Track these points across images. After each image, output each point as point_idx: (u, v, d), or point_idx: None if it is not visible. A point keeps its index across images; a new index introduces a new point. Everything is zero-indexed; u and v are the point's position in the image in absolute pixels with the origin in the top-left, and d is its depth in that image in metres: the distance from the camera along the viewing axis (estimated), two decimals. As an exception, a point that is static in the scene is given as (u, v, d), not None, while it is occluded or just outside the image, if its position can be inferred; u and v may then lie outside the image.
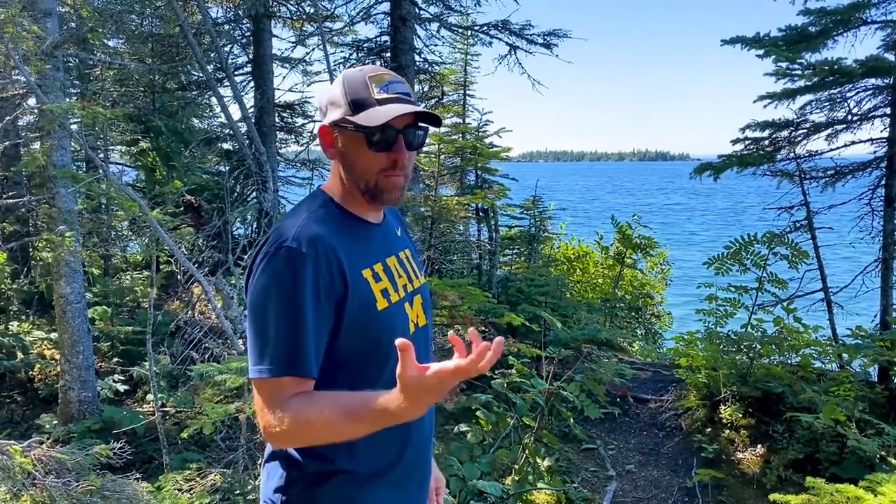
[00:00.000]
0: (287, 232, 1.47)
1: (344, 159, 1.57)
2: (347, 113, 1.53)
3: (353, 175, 1.58)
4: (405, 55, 8.89)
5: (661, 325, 12.36)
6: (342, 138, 1.56)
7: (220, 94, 7.43)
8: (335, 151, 1.58)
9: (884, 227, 5.86)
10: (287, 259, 1.44)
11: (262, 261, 1.46)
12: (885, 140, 5.79)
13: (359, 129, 1.52)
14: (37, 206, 7.49)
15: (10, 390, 7.72)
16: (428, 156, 9.01)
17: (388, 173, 1.56)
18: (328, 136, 1.58)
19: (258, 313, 1.44)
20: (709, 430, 5.79)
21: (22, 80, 6.59)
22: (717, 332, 6.36)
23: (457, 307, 4.31)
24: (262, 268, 1.45)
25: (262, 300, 1.44)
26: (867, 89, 5.71)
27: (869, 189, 5.97)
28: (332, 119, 1.56)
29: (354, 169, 1.57)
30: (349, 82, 1.55)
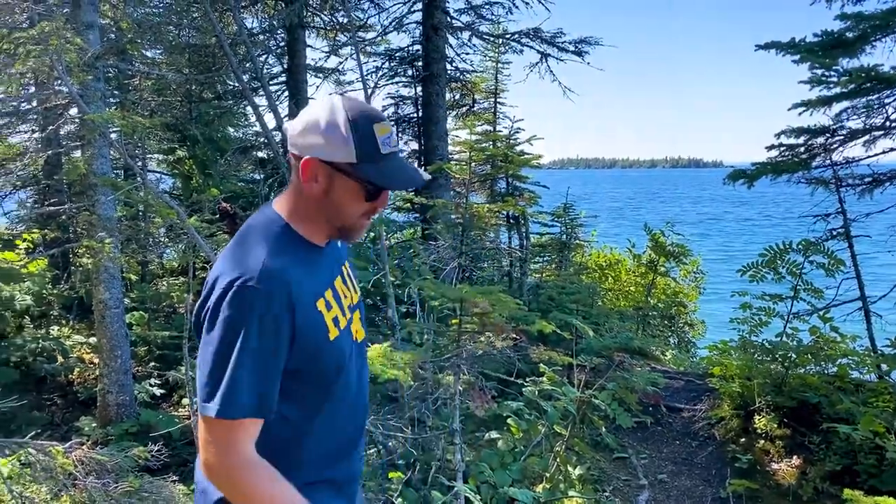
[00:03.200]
0: (248, 265, 1.43)
1: (328, 198, 1.53)
2: (352, 160, 1.48)
3: (331, 214, 1.55)
4: (437, 64, 8.96)
5: (694, 334, 12.23)
6: (334, 180, 1.50)
7: (255, 104, 7.54)
8: (317, 187, 1.51)
9: (924, 235, 5.75)
10: (252, 297, 1.40)
11: (222, 294, 1.41)
12: (925, 146, 5.69)
13: (361, 181, 1.50)
14: (77, 214, 7.67)
15: (51, 393, 7.90)
16: (459, 164, 9.05)
17: (365, 219, 1.58)
18: (312, 170, 1.49)
19: (221, 350, 1.40)
20: (743, 441, 5.72)
21: (64, 90, 6.77)
22: (752, 341, 6.28)
23: (487, 314, 4.32)
24: (226, 302, 1.40)
25: (227, 337, 1.40)
26: (905, 95, 5.62)
27: (908, 196, 5.87)
28: (327, 157, 1.48)
29: (338, 210, 1.55)
30: (356, 125, 1.48)
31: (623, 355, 6.50)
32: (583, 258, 11.03)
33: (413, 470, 4.52)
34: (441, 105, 9.38)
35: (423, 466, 4.56)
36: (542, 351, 5.28)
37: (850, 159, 6.16)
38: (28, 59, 4.43)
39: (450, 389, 4.51)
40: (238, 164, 10.82)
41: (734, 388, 6.05)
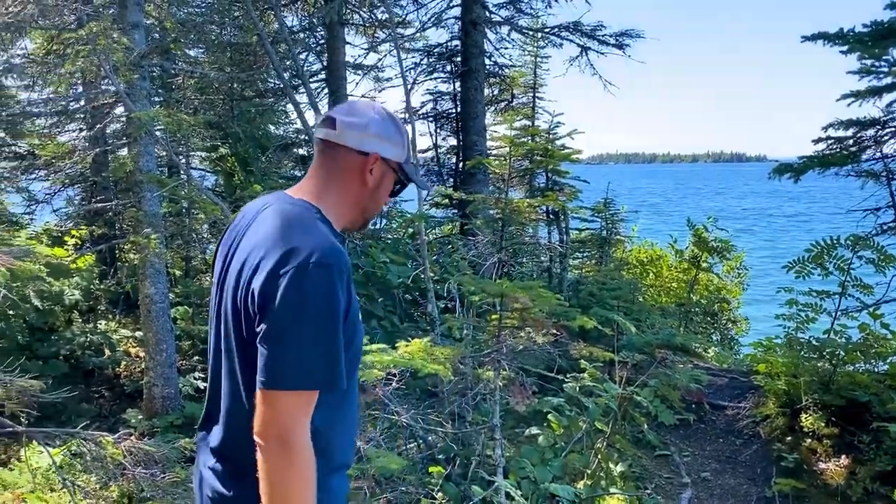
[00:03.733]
0: (318, 243, 1.50)
1: (375, 192, 1.73)
2: (401, 160, 1.74)
3: (370, 204, 1.75)
4: (475, 59, 8.94)
5: (737, 331, 12.02)
6: (384, 174, 1.73)
7: (296, 101, 7.63)
8: (371, 180, 1.70)
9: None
10: (326, 273, 1.46)
11: (297, 270, 1.45)
12: (981, 138, 5.50)
13: (401, 178, 1.78)
14: (123, 210, 7.84)
15: (99, 385, 8.10)
16: (498, 159, 9.04)
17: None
18: (372, 164, 1.69)
19: (320, 323, 1.45)
20: (789, 439, 5.60)
21: (112, 89, 6.92)
22: (798, 338, 6.15)
23: (528, 309, 4.30)
24: (308, 278, 1.45)
25: (321, 310, 1.46)
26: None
27: (964, 189, 5.68)
28: (388, 155, 1.70)
29: (376, 201, 1.76)
30: (405, 131, 1.76)
31: (665, 352, 6.41)
32: (623, 254, 10.91)
33: (453, 465, 4.52)
34: (479, 100, 9.36)
35: (462, 461, 4.56)
36: (583, 347, 5.24)
37: (901, 151, 5.99)
38: (77, 59, 4.54)
39: (490, 385, 4.51)
40: (279, 162, 10.94)
41: (780, 386, 5.93)
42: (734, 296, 12.09)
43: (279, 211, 1.60)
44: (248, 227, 1.65)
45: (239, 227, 1.69)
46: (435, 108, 11.16)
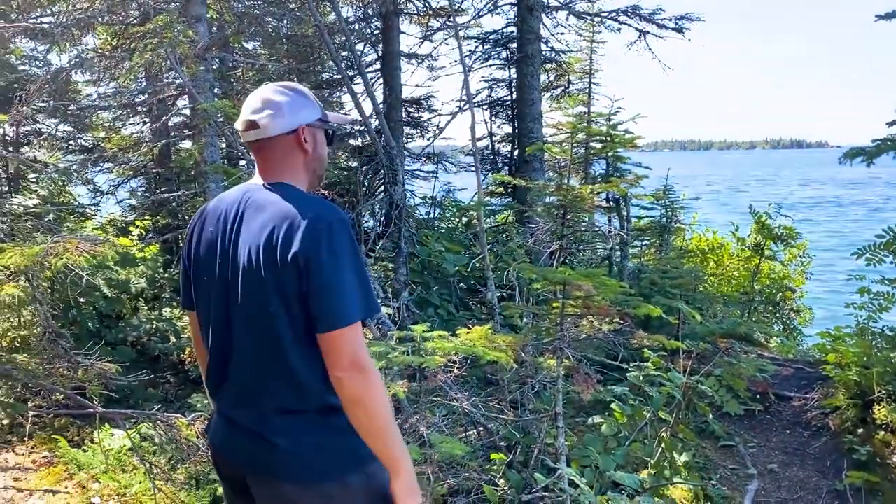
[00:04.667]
0: (327, 207, 1.82)
1: (315, 153, 1.98)
2: (319, 114, 1.98)
3: (318, 166, 2.01)
4: (531, 45, 8.85)
5: (800, 321, 11.68)
6: (314, 134, 1.97)
7: (353, 91, 7.68)
8: (308, 146, 1.94)
9: None
10: (346, 226, 1.80)
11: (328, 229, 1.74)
12: None
13: (328, 127, 2.02)
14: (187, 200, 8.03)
15: (164, 371, 8.32)
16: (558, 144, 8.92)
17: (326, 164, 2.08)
18: (304, 134, 1.93)
19: (353, 265, 1.75)
20: (860, 432, 5.42)
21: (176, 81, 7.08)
22: (870, 327, 5.95)
23: (591, 297, 4.25)
24: (339, 228, 1.76)
25: (351, 255, 1.76)
26: None
27: None
28: (308, 120, 1.94)
29: (319, 158, 2.01)
30: (308, 92, 1.99)
31: (729, 341, 6.28)
32: (684, 242, 10.70)
33: (514, 452, 4.52)
34: (535, 87, 9.26)
35: (524, 449, 4.55)
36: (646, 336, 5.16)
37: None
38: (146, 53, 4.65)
39: (551, 373, 4.48)
40: (334, 152, 11.04)
41: (850, 377, 5.74)
42: (798, 284, 11.75)
43: (276, 192, 1.86)
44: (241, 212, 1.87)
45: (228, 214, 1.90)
46: (490, 96, 11.08)
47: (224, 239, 1.88)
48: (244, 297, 1.81)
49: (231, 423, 1.91)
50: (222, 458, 1.97)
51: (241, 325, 1.84)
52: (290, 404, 1.80)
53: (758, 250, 9.93)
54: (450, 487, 4.15)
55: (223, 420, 1.95)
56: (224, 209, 1.92)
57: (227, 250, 1.86)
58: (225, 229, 1.88)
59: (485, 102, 10.95)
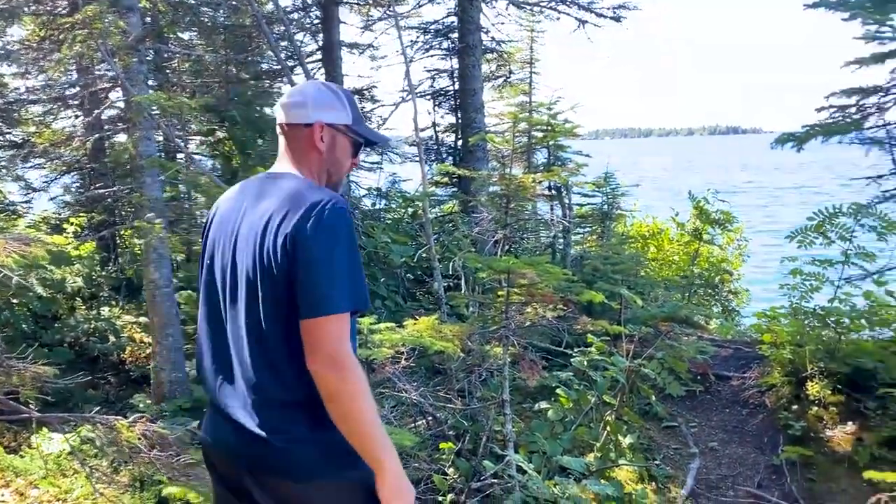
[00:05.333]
0: (329, 194, 1.79)
1: (330, 155, 1.96)
2: (349, 121, 1.96)
3: (332, 167, 1.98)
4: (472, 35, 8.87)
5: (738, 303, 12.04)
6: (334, 137, 1.95)
7: (293, 82, 7.54)
8: (322, 145, 1.93)
9: (984, 193, 5.54)
10: (343, 213, 1.75)
11: (320, 212, 1.71)
12: (984, 102, 5.46)
13: (356, 137, 1.99)
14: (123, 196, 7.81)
15: (104, 372, 8.12)
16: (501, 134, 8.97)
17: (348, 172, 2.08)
18: (319, 133, 1.92)
19: (345, 253, 1.71)
20: (795, 408, 5.63)
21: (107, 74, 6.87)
22: (803, 307, 6.17)
23: (535, 285, 4.30)
24: (333, 213, 1.72)
25: (344, 243, 1.72)
26: (965, 49, 5.38)
27: (967, 154, 5.65)
28: (330, 120, 1.93)
29: (337, 163, 1.98)
30: (347, 95, 1.99)
31: (670, 324, 6.44)
32: (625, 228, 10.90)
33: (463, 440, 4.56)
34: (477, 77, 9.29)
35: (472, 437, 4.59)
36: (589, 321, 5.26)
37: (904, 118, 5.96)
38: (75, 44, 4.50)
39: (498, 361, 4.52)
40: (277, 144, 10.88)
41: (785, 355, 5.95)
42: (735, 267, 12.10)
43: (283, 181, 1.87)
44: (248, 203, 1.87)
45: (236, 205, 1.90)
46: (432, 86, 11.08)
47: (230, 226, 1.88)
48: (240, 285, 1.80)
49: (223, 416, 1.85)
50: (215, 454, 1.92)
51: (236, 314, 1.81)
52: (280, 396, 1.76)
53: (696, 235, 10.19)
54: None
55: (215, 414, 1.91)
56: (238, 195, 1.95)
57: (231, 238, 1.86)
58: (233, 217, 1.89)
59: (427, 93, 10.94)
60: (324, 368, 1.65)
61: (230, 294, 1.83)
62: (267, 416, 1.76)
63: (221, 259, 1.88)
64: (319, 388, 1.67)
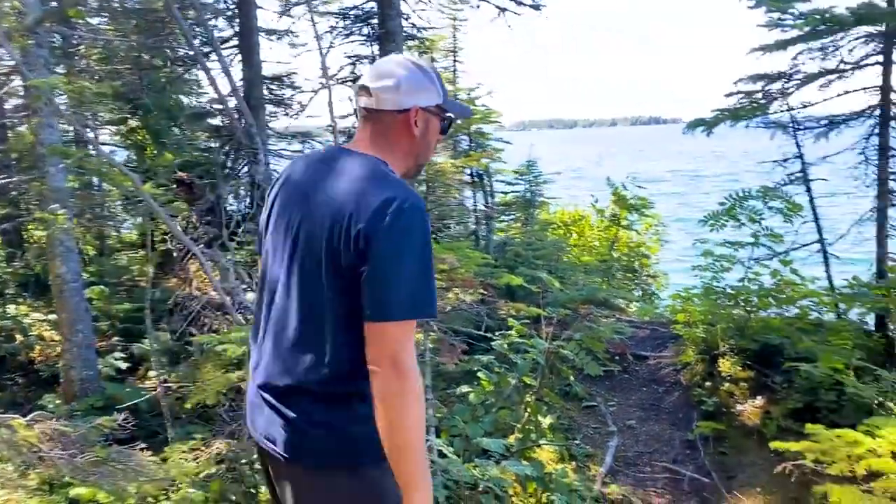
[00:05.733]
0: (408, 191, 1.69)
1: (423, 140, 1.85)
2: (440, 101, 1.85)
3: (422, 152, 1.89)
4: (392, 21, 8.77)
5: (657, 286, 12.41)
6: (428, 120, 1.84)
7: (208, 69, 7.34)
8: (418, 131, 1.83)
9: (878, 175, 5.84)
10: (421, 214, 1.66)
11: (397, 212, 1.62)
12: (878, 88, 5.75)
13: (447, 116, 1.89)
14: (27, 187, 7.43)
15: (12, 372, 7.72)
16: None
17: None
18: (416, 117, 1.81)
19: (419, 256, 1.63)
20: (708, 384, 5.83)
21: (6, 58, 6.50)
22: (714, 287, 6.39)
23: (455, 269, 4.31)
24: (411, 214, 1.63)
25: (419, 245, 1.64)
26: (859, 37, 5.66)
27: (863, 138, 5.95)
28: (425, 104, 1.82)
29: (427, 148, 1.89)
30: (435, 71, 1.87)
31: (589, 307, 6.57)
32: (548, 215, 11.05)
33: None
34: (399, 64, 9.19)
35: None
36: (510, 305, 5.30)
37: (806, 103, 6.23)
38: (-37, 24, 4.23)
39: (420, 346, 4.51)
40: (193, 132, 10.55)
41: (698, 334, 6.15)
42: (653, 252, 12.45)
43: (359, 163, 1.75)
44: (318, 178, 1.77)
45: (309, 181, 1.80)
46: (353, 73, 10.90)
47: (300, 201, 1.78)
48: (302, 265, 1.73)
49: (258, 397, 1.82)
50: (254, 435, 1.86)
51: (292, 294, 1.74)
52: (318, 384, 1.71)
53: (615, 221, 10.42)
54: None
55: (253, 394, 1.86)
56: (312, 170, 1.84)
57: (300, 212, 1.76)
58: (304, 192, 1.78)
59: (348, 79, 10.77)
60: (383, 371, 1.60)
61: (288, 271, 1.76)
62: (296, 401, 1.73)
63: (286, 231, 1.78)
64: (374, 388, 1.61)
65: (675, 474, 4.86)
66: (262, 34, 10.33)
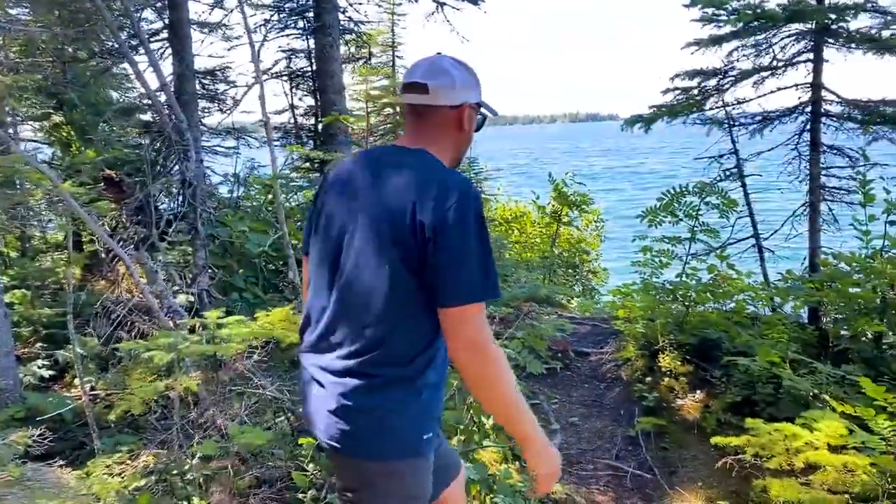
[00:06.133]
0: (463, 180, 1.85)
1: (468, 134, 2.02)
2: (480, 99, 2.02)
3: (465, 146, 2.06)
4: (329, 14, 8.59)
5: (597, 282, 12.52)
6: (472, 117, 2.00)
7: (134, 62, 7.02)
8: (466, 126, 1.99)
9: (810, 171, 5.96)
10: (479, 202, 1.81)
11: (460, 202, 1.74)
12: (809, 85, 5.87)
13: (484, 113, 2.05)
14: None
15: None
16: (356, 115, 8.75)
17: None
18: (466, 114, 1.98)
19: (483, 242, 1.76)
20: (648, 380, 5.86)
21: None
22: (653, 283, 6.43)
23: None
24: (473, 203, 1.77)
25: (481, 231, 1.76)
26: (790, 35, 5.76)
27: (795, 134, 6.07)
28: (473, 101, 1.98)
29: (469, 142, 2.06)
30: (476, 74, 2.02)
31: (531, 304, 6.53)
32: (489, 212, 11.02)
33: (325, 434, 4.38)
34: (336, 58, 9.02)
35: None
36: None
37: (740, 100, 6.32)
38: None
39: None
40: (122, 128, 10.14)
41: (638, 330, 6.18)
42: (593, 248, 12.56)
43: (414, 157, 1.88)
44: (375, 174, 1.87)
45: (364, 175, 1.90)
46: (289, 67, 10.66)
47: (356, 196, 1.88)
48: (364, 254, 1.81)
49: (313, 379, 1.92)
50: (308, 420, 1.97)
51: (353, 281, 1.83)
52: (373, 368, 1.81)
53: (555, 217, 10.45)
54: (255, 479, 3.95)
55: (308, 377, 1.95)
56: (362, 165, 1.94)
57: (357, 207, 1.86)
58: (361, 187, 1.88)
59: (284, 74, 10.53)
60: (467, 354, 1.74)
61: (351, 262, 1.84)
62: (352, 386, 1.82)
63: (345, 225, 1.87)
64: (463, 372, 1.77)
65: (617, 471, 4.84)
66: (195, 27, 10.00)
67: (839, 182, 5.98)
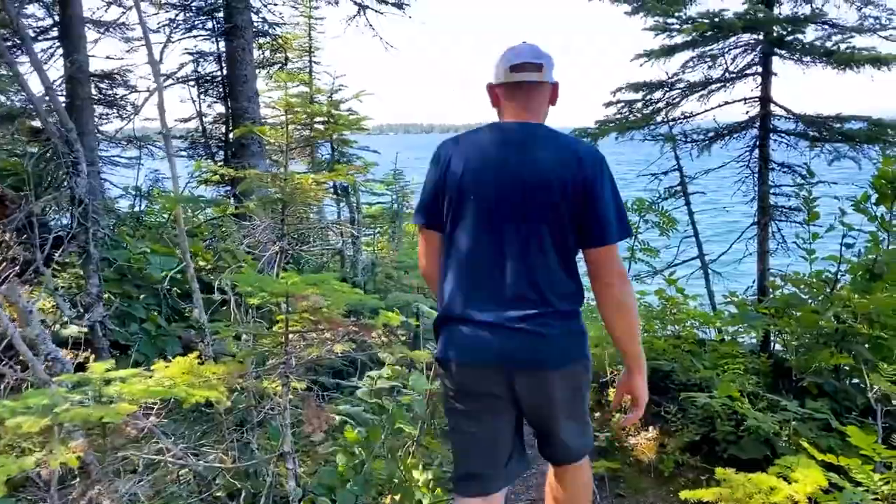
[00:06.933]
0: (591, 145, 2.39)
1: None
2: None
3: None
4: (241, 15, 7.86)
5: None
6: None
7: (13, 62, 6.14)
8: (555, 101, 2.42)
9: (759, 189, 5.68)
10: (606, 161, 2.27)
11: (601, 163, 2.23)
12: (757, 99, 5.58)
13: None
14: None
15: None
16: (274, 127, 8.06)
17: None
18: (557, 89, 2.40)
19: (618, 194, 2.25)
20: (598, 415, 5.43)
21: None
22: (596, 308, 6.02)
23: (319, 309, 3.56)
24: (606, 163, 2.24)
25: (615, 185, 2.26)
26: (739, 46, 5.46)
27: (746, 150, 5.77)
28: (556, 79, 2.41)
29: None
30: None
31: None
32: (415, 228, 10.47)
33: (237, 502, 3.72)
34: (249, 62, 8.27)
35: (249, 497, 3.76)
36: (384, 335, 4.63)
37: (686, 114, 6.00)
38: None
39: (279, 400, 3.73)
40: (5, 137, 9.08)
41: (585, 360, 5.74)
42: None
43: (542, 129, 2.30)
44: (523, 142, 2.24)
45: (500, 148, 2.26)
46: (196, 71, 9.79)
47: (508, 165, 2.21)
48: (529, 214, 2.18)
49: (495, 327, 2.22)
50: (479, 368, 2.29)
51: (521, 238, 2.20)
52: (550, 306, 2.23)
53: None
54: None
55: (482, 329, 2.24)
56: (496, 141, 2.27)
57: (514, 175, 2.20)
58: (506, 157, 2.22)
59: (191, 78, 9.65)
60: (617, 283, 2.23)
61: (511, 225, 2.20)
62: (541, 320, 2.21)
63: (502, 192, 2.19)
64: (611, 299, 2.26)
65: (572, 524, 4.35)
66: (89, 25, 9.08)
67: (788, 201, 5.71)
